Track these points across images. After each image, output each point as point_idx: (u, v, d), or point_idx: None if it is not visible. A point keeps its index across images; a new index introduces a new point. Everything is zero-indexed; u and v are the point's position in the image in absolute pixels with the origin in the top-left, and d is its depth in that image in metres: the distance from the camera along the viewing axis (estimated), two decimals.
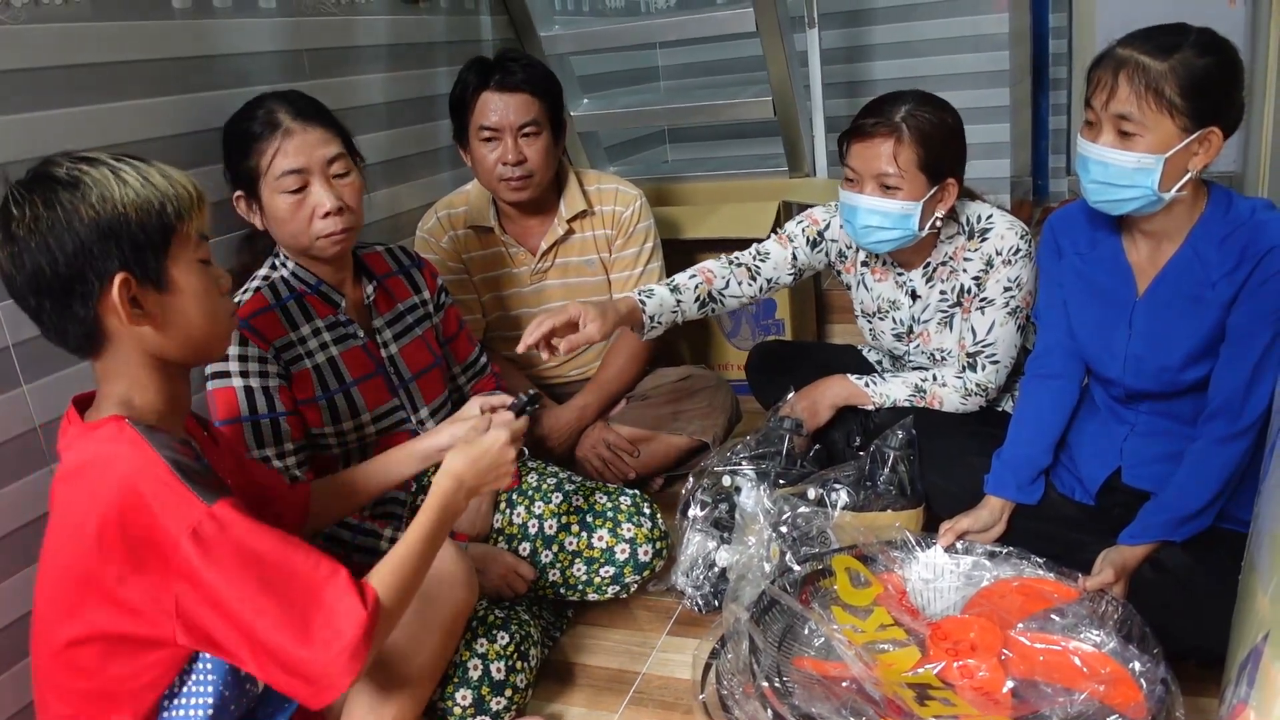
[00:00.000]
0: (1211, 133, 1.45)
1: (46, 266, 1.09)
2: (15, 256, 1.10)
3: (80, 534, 1.09)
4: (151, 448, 1.10)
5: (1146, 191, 1.49)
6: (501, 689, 1.58)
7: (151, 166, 1.16)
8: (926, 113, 1.82)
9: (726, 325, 3.00)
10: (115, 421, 1.13)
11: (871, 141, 1.82)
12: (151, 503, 1.07)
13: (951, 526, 1.75)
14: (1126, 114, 1.46)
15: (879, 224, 1.86)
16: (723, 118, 3.02)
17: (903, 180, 1.81)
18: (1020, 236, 1.89)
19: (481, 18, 2.75)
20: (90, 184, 1.10)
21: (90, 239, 1.09)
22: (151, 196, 1.13)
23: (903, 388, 2.00)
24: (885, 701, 1.39)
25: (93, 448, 1.13)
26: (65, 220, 1.09)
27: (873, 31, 3.56)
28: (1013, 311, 1.91)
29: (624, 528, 1.83)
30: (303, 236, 1.66)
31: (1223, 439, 1.52)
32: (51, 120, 1.54)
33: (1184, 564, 1.55)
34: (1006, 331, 1.92)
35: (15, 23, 1.47)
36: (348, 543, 1.69)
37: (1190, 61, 1.42)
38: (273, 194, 1.64)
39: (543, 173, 2.24)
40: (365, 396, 1.75)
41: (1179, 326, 1.58)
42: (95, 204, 1.10)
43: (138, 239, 1.12)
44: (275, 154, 1.62)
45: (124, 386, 1.18)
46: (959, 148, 1.88)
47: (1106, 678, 1.39)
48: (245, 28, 1.92)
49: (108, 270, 1.11)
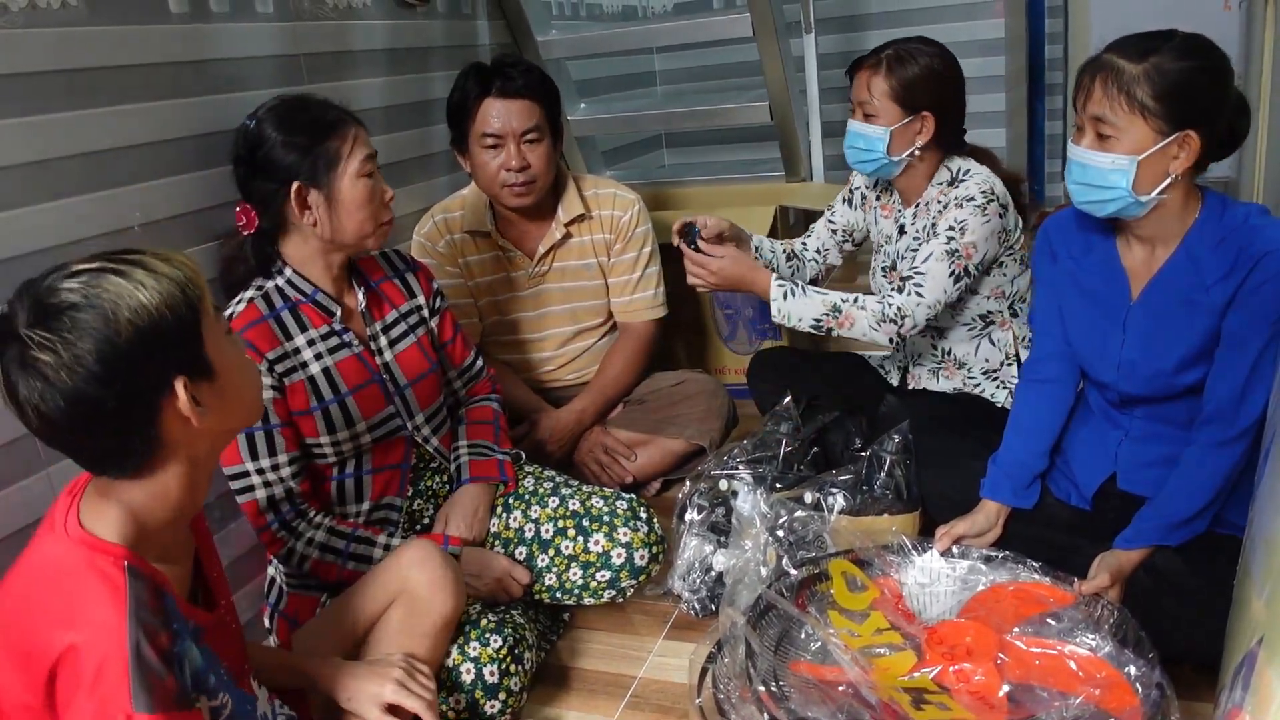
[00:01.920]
0: (1188, 136, 1.45)
1: (98, 397, 1.00)
2: (52, 398, 1.00)
3: (22, 651, 1.01)
4: (126, 623, 0.98)
5: (1122, 193, 1.49)
6: (495, 692, 1.57)
7: (141, 256, 1.08)
8: (912, 49, 1.99)
9: (723, 329, 3.01)
10: (116, 561, 1.03)
11: (860, 73, 2.03)
12: (85, 677, 0.97)
13: (947, 531, 1.75)
14: (1101, 116, 1.47)
15: (858, 146, 2.05)
16: (719, 122, 3.03)
17: (877, 108, 1.99)
18: (981, 190, 1.96)
19: (478, 22, 2.76)
20: (113, 297, 1.02)
21: (138, 353, 1.02)
22: (169, 288, 1.06)
23: (820, 305, 1.96)
24: (881, 706, 1.39)
25: (80, 572, 1.02)
26: (108, 342, 1.00)
27: (868, 37, 3.57)
28: (950, 252, 1.94)
29: (620, 532, 1.83)
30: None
31: (1217, 444, 1.52)
32: (49, 125, 1.53)
33: (1179, 568, 1.55)
34: (939, 269, 1.94)
35: (12, 27, 1.47)
36: (342, 551, 1.69)
37: (1164, 65, 1.43)
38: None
39: (545, 177, 2.24)
40: (361, 405, 1.74)
41: (1173, 331, 1.58)
42: (130, 316, 1.02)
43: (178, 336, 1.06)
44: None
45: (145, 498, 1.09)
46: (941, 88, 2.00)
47: (1102, 682, 1.39)
48: (242, 32, 1.91)
49: (165, 379, 1.05)
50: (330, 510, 1.75)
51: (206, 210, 1.81)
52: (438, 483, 1.93)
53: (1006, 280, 2.06)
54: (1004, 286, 2.07)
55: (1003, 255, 2.03)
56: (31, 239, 1.51)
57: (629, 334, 2.47)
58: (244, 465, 1.63)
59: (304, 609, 1.73)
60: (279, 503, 1.65)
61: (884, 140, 2.00)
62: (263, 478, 1.64)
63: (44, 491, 1.52)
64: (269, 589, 1.81)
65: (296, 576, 1.75)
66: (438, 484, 1.93)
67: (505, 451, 1.96)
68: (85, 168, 1.60)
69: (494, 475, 1.90)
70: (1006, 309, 2.09)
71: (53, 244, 1.54)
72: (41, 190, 1.53)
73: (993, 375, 2.12)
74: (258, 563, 1.92)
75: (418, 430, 1.85)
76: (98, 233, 1.61)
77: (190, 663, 1.05)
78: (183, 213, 1.78)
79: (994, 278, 2.05)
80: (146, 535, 1.08)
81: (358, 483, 1.77)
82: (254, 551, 1.93)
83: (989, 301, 2.08)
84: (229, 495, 1.69)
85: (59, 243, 1.55)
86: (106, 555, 1.03)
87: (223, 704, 1.09)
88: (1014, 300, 2.09)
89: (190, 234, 1.79)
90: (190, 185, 1.79)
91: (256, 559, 1.93)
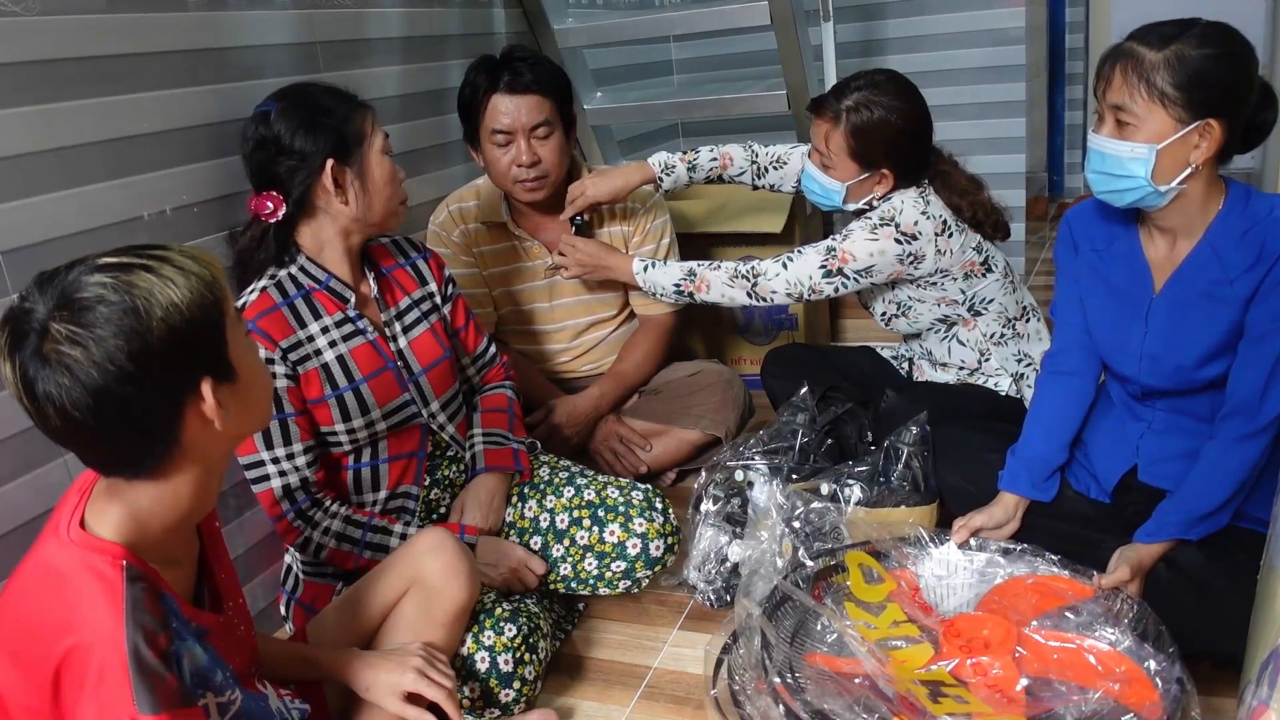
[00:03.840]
0: (1210, 125, 1.43)
1: (126, 395, 0.97)
2: (80, 394, 0.96)
3: (25, 655, 1.01)
4: (124, 625, 0.97)
5: (1141, 182, 1.48)
6: (510, 681, 1.58)
7: (168, 252, 1.05)
8: (871, 100, 1.95)
9: (739, 319, 3.00)
10: (114, 561, 1.02)
11: (818, 120, 2.02)
12: (88, 679, 0.97)
13: (965, 523, 1.74)
14: (1120, 104, 1.46)
15: (814, 190, 2.10)
16: (736, 112, 3.00)
17: (834, 162, 2.02)
18: (881, 216, 2.00)
19: (494, 10, 2.75)
20: (144, 294, 0.99)
21: (170, 352, 0.99)
22: (198, 287, 1.03)
23: (677, 272, 2.17)
24: (898, 698, 1.39)
25: (79, 575, 1.01)
26: (141, 338, 0.97)
27: (887, 25, 3.54)
28: (829, 248, 2.03)
29: (636, 523, 1.83)
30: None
31: (1240, 438, 1.51)
32: (68, 112, 1.54)
33: (1200, 562, 1.53)
34: (813, 256, 2.04)
35: (30, 14, 1.47)
36: (358, 541, 1.69)
37: (1185, 53, 1.40)
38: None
39: (558, 171, 2.23)
40: (375, 393, 1.74)
41: (1195, 324, 1.56)
42: (162, 314, 0.99)
43: (206, 336, 1.04)
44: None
45: (152, 501, 1.07)
46: (899, 142, 1.98)
47: (1121, 676, 1.38)
48: (259, 20, 1.91)
49: (193, 380, 1.03)
50: (346, 499, 1.75)
51: (223, 199, 1.81)
52: (454, 471, 1.93)
53: (955, 291, 2.07)
54: (951, 297, 2.07)
55: (933, 277, 2.04)
56: (48, 227, 1.51)
57: (649, 325, 2.46)
58: (259, 454, 1.63)
59: (321, 596, 1.74)
60: (294, 492, 1.65)
61: (841, 193, 2.05)
62: (278, 467, 1.64)
63: (61, 479, 1.52)
64: (285, 576, 1.82)
65: (313, 564, 1.75)
66: (454, 473, 1.93)
67: (520, 440, 1.96)
68: (104, 155, 1.60)
69: (509, 465, 1.89)
70: (965, 311, 2.09)
71: (70, 232, 1.54)
72: (60, 178, 1.53)
73: (976, 372, 2.12)
74: (274, 551, 1.93)
75: (433, 418, 1.85)
76: (116, 220, 1.62)
77: (193, 659, 1.04)
78: (201, 200, 1.78)
79: (933, 291, 2.07)
80: (149, 537, 1.07)
81: (374, 471, 1.77)
82: (270, 540, 1.94)
83: (939, 308, 2.09)
84: (245, 484, 1.69)
85: (75, 230, 1.55)
86: (104, 555, 1.02)
87: (230, 700, 1.09)
88: (972, 303, 2.08)
89: (207, 223, 1.79)
90: (208, 173, 1.79)
91: (273, 547, 1.94)
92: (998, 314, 2.08)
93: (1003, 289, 2.08)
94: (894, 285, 2.10)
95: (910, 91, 2.00)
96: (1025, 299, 2.16)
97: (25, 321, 0.98)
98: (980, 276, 2.05)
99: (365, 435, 1.74)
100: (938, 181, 2.06)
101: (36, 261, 1.47)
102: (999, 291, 2.07)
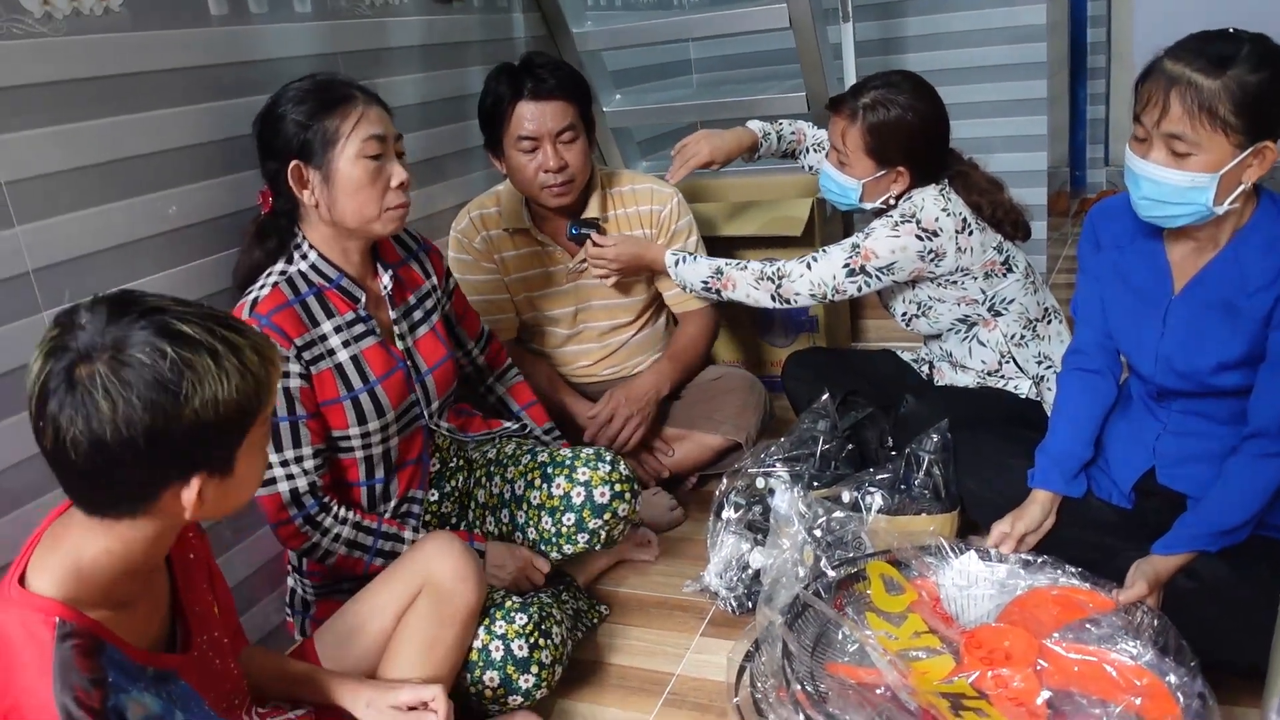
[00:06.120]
0: (1266, 147, 1.42)
1: (120, 459, 0.97)
2: (82, 434, 0.96)
3: None
4: (51, 692, 0.95)
5: (1200, 208, 1.47)
6: (527, 666, 1.59)
7: (242, 338, 1.03)
8: (888, 99, 1.98)
9: (760, 322, 3.00)
10: (46, 620, 0.99)
11: (836, 117, 2.05)
12: None
13: (1008, 532, 1.72)
14: (1179, 134, 1.43)
15: (831, 190, 2.13)
16: (756, 112, 3.00)
17: (850, 159, 2.04)
18: (903, 213, 2.01)
19: (514, 15, 2.75)
20: (193, 381, 0.98)
21: (182, 443, 0.99)
22: (248, 388, 1.02)
23: (706, 269, 2.19)
24: (919, 710, 1.39)
25: (14, 635, 0.99)
26: (163, 422, 0.97)
27: (907, 24, 3.52)
28: (854, 245, 2.04)
29: (580, 472, 1.82)
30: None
31: (1265, 455, 1.50)
32: (95, 130, 1.56)
33: (1221, 574, 1.53)
34: (837, 254, 2.06)
35: (57, 34, 1.49)
36: (369, 548, 1.69)
37: (1244, 78, 1.38)
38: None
39: (583, 175, 2.25)
40: (389, 394, 1.72)
41: (1211, 333, 1.56)
42: (198, 406, 0.98)
43: (226, 436, 1.03)
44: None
45: (98, 551, 1.04)
46: (916, 140, 2.01)
47: (1143, 690, 1.38)
48: (281, 32, 1.93)
49: (189, 471, 1.02)
50: (351, 507, 1.73)
51: (253, 209, 1.82)
52: (461, 480, 1.95)
53: (975, 290, 2.06)
54: (972, 296, 2.07)
55: (954, 275, 2.04)
56: (79, 243, 1.54)
57: (691, 317, 2.47)
58: (269, 457, 1.62)
59: None
60: (302, 496, 1.62)
61: (857, 191, 2.07)
62: (286, 470, 1.61)
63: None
64: (290, 599, 1.82)
65: (325, 584, 1.75)
66: (462, 482, 1.94)
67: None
68: (129, 172, 1.62)
69: None
70: (986, 311, 2.09)
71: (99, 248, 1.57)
72: (86, 196, 1.55)
73: (996, 374, 2.11)
74: (282, 571, 1.91)
75: (433, 419, 1.85)
76: (138, 237, 1.64)
77: (141, 709, 1.03)
78: (229, 213, 1.80)
79: (953, 290, 2.07)
80: (94, 586, 1.04)
81: (385, 487, 1.78)
82: (278, 561, 1.93)
83: (960, 308, 2.09)
84: (250, 504, 1.69)
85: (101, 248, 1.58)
86: (37, 614, 0.99)
87: None
88: (993, 303, 2.08)
89: (233, 236, 1.79)
90: (231, 187, 1.81)
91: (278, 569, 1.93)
92: (1018, 315, 2.08)
93: (1024, 290, 2.07)
94: (915, 284, 2.10)
95: (927, 91, 2.02)
96: (1047, 300, 2.15)
97: (72, 336, 0.97)
98: (1001, 276, 2.05)
99: (379, 439, 1.73)
100: (958, 181, 2.06)
101: (65, 278, 1.49)
102: (1020, 292, 2.07)
